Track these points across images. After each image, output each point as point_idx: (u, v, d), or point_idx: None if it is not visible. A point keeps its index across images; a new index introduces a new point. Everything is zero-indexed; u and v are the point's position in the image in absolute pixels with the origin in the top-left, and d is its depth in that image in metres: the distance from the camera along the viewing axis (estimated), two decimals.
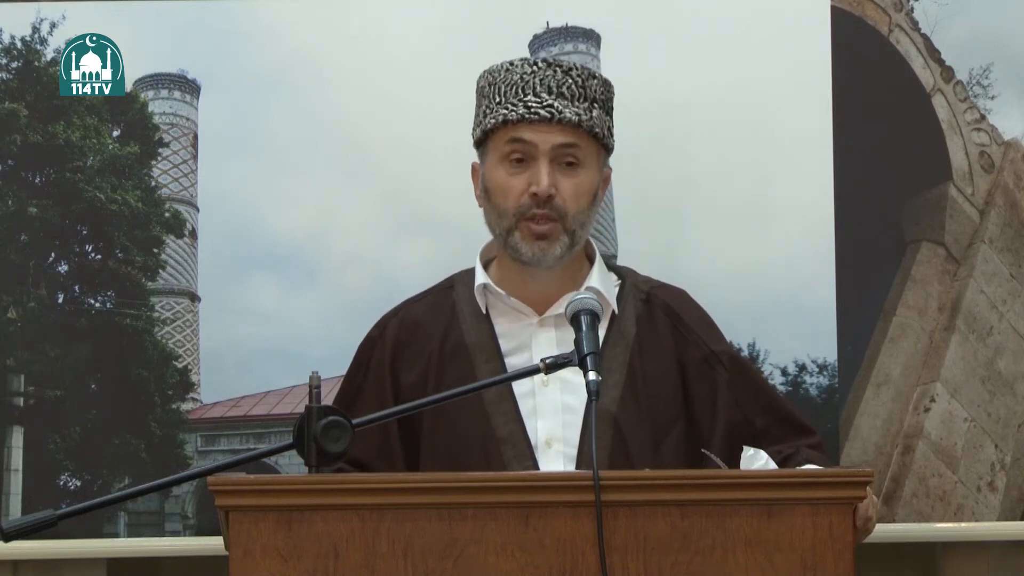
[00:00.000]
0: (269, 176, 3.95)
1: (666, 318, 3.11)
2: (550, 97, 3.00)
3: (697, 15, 3.94)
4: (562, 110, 2.99)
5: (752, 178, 3.93)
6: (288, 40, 3.96)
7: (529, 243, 3.01)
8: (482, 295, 3.10)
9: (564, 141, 3.00)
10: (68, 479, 3.93)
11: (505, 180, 3.02)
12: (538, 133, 2.99)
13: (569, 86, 3.01)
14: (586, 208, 3.03)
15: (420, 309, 3.15)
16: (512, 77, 3.02)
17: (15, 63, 3.96)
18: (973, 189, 3.97)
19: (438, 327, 3.10)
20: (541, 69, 3.02)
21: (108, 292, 3.96)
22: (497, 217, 3.04)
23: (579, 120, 3.00)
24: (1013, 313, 3.96)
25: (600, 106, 3.04)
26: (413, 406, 2.82)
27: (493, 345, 3.06)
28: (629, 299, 3.11)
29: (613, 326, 3.08)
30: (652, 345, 3.08)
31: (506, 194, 3.01)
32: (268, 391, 3.94)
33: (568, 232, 3.01)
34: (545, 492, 2.50)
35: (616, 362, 3.05)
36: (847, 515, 2.50)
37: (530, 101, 3.00)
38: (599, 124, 3.03)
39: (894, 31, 3.96)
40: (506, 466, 2.98)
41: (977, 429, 3.94)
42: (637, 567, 2.47)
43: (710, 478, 2.58)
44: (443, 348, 3.08)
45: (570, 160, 3.01)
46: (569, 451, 3.00)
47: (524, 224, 3.00)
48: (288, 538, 2.48)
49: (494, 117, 3.02)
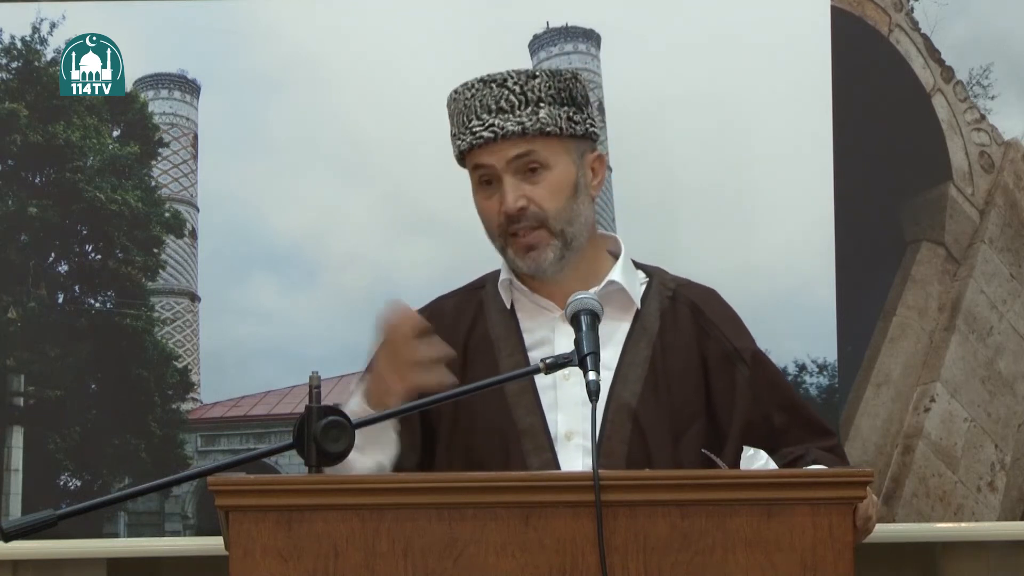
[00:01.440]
0: (269, 176, 3.95)
1: (690, 314, 3.12)
2: (490, 116, 3.03)
3: (697, 15, 3.94)
4: (503, 125, 3.02)
5: (752, 178, 3.93)
6: (288, 40, 3.96)
7: (522, 257, 3.04)
8: (507, 290, 3.13)
9: (517, 152, 3.03)
10: (68, 479, 3.94)
11: (483, 205, 3.08)
12: (491, 154, 3.03)
13: (507, 98, 3.03)
14: (565, 204, 3.04)
15: (450, 304, 3.18)
16: (459, 106, 3.08)
17: (15, 63, 3.96)
18: (973, 189, 3.97)
19: (465, 321, 3.13)
20: (479, 90, 3.06)
21: (108, 292, 3.96)
22: (491, 239, 3.10)
23: (523, 128, 3.02)
24: (1013, 313, 3.96)
25: (550, 101, 3.04)
26: (415, 406, 2.82)
27: (516, 339, 3.08)
28: (654, 296, 3.13)
29: (636, 322, 3.09)
30: (675, 341, 3.09)
31: (488, 218, 3.07)
32: (268, 391, 3.94)
33: (555, 234, 3.03)
34: (545, 492, 2.50)
35: (639, 357, 3.06)
36: (847, 515, 2.50)
37: (474, 126, 3.04)
38: (549, 121, 3.04)
39: (894, 31, 3.96)
40: (524, 457, 2.99)
41: (977, 429, 3.94)
42: (637, 567, 2.47)
43: (710, 478, 2.58)
44: (469, 341, 3.10)
45: (532, 166, 3.03)
46: (588, 444, 2.99)
47: (512, 240, 3.05)
48: (288, 538, 2.48)
49: (456, 147, 3.09)
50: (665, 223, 3.94)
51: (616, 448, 2.99)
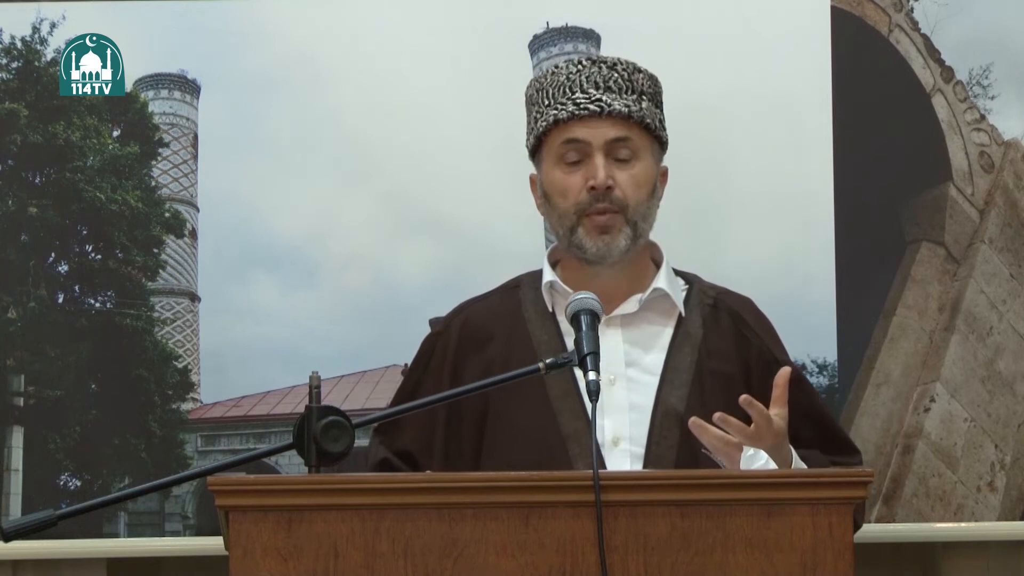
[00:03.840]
0: (269, 176, 3.95)
1: (731, 322, 3.12)
2: (598, 92, 3.02)
3: (697, 15, 3.94)
4: (611, 103, 3.01)
5: (752, 178, 3.93)
6: (288, 40, 3.96)
7: (593, 238, 3.02)
8: (549, 293, 3.10)
9: (616, 135, 3.02)
10: (68, 479, 3.94)
11: (562, 180, 3.03)
12: (590, 129, 3.01)
13: (616, 80, 3.03)
14: (645, 200, 3.04)
15: (485, 308, 3.15)
16: (558, 79, 3.05)
17: (15, 63, 3.96)
18: (973, 189, 3.97)
19: (503, 325, 3.10)
20: (586, 67, 3.04)
21: (108, 292, 3.96)
22: (559, 218, 3.05)
23: (629, 111, 3.02)
24: (1013, 313, 3.96)
25: (649, 99, 3.06)
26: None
27: (559, 344, 3.05)
28: (696, 302, 3.12)
29: (680, 328, 3.08)
30: (719, 347, 3.09)
31: (565, 193, 3.03)
32: (268, 391, 3.94)
33: (630, 223, 3.02)
34: (545, 492, 2.50)
35: (684, 362, 3.05)
36: (847, 515, 2.50)
37: (579, 98, 3.02)
38: (649, 115, 3.05)
39: (894, 31, 3.96)
40: (571, 463, 2.97)
41: (977, 429, 3.94)
42: (637, 567, 2.47)
43: (710, 478, 2.58)
44: (508, 346, 3.07)
45: (624, 153, 3.03)
46: (636, 450, 3.00)
47: (586, 219, 3.02)
48: (288, 538, 2.48)
49: (545, 120, 3.04)
50: (664, 223, 3.94)
51: (665, 454, 2.98)
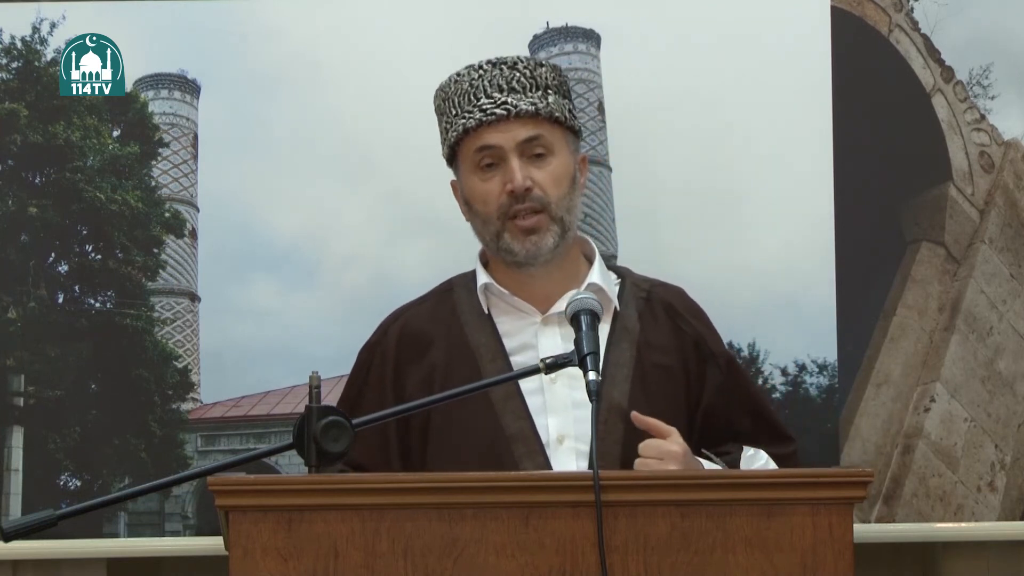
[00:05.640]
0: (269, 176, 3.95)
1: (666, 314, 3.12)
2: (502, 95, 3.01)
3: (697, 15, 3.94)
4: (517, 103, 3.01)
5: (752, 178, 3.94)
6: (288, 40, 3.96)
7: (521, 241, 3.01)
8: (484, 295, 3.10)
9: (528, 135, 3.01)
10: (68, 479, 3.94)
11: (481, 187, 3.04)
12: (500, 133, 3.01)
13: (518, 79, 3.03)
14: (567, 193, 3.03)
15: (422, 313, 3.14)
16: (462, 87, 3.05)
17: (15, 63, 3.96)
18: (973, 189, 3.97)
19: (441, 330, 3.10)
20: (488, 71, 3.04)
21: (108, 292, 3.96)
22: (483, 224, 3.06)
23: (536, 109, 3.01)
24: (1013, 313, 3.96)
25: (555, 91, 3.05)
26: (413, 406, 2.82)
27: (497, 345, 3.05)
28: (630, 296, 3.12)
29: (617, 322, 3.08)
30: (657, 340, 3.09)
31: (485, 200, 3.03)
32: (268, 391, 3.94)
33: (555, 220, 3.02)
34: (545, 492, 2.50)
35: (623, 357, 3.05)
36: (847, 515, 2.50)
37: (484, 104, 3.02)
38: (558, 108, 3.04)
39: (894, 31, 3.96)
40: (517, 463, 2.98)
41: (977, 429, 3.94)
42: (637, 567, 2.47)
43: (710, 478, 2.58)
44: (448, 351, 3.07)
45: (538, 151, 3.02)
46: (581, 447, 2.99)
47: (511, 223, 3.02)
48: (288, 538, 2.48)
49: (455, 130, 3.04)
50: (665, 223, 3.94)
51: (610, 449, 2.97)
